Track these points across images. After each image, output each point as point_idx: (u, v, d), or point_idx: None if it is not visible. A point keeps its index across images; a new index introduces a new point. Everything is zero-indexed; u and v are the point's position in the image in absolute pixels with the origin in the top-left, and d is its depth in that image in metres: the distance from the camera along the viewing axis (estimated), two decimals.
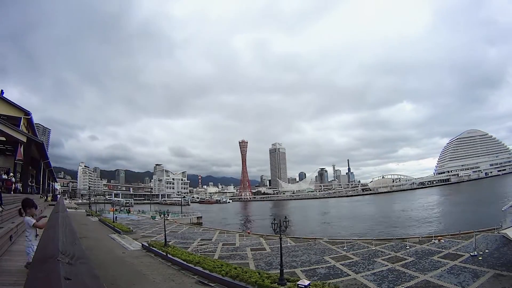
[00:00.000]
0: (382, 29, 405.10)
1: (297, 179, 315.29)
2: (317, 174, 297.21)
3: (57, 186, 74.87)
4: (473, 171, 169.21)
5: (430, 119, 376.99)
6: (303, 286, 10.58)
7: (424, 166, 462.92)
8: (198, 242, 24.40)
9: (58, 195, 47.94)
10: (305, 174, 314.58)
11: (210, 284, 12.73)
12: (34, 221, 5.63)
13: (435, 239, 19.44)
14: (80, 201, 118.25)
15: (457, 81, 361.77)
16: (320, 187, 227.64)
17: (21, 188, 18.18)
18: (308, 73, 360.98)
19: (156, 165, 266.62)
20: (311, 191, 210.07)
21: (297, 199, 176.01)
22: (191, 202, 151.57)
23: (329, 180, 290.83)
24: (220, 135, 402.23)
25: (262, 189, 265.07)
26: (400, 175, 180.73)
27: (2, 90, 20.80)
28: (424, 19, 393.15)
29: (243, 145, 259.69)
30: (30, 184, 22.47)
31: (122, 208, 72.41)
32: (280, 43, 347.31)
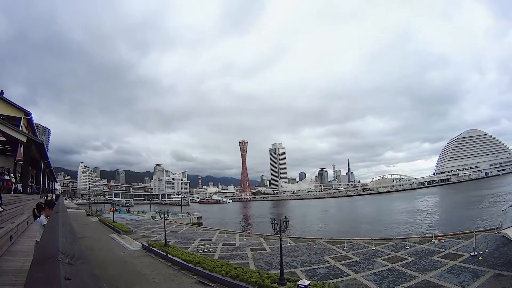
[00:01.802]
0: (326, 66, 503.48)
1: (297, 179, 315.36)
2: (317, 174, 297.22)
3: (57, 186, 74.87)
4: (473, 171, 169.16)
5: (400, 129, 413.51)
6: (303, 286, 10.57)
7: (418, 167, 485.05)
8: (198, 242, 24.40)
9: (58, 195, 47.91)
10: (305, 174, 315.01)
11: (210, 284, 12.72)
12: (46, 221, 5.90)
13: (435, 239, 19.42)
14: (80, 201, 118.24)
15: (408, 100, 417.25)
16: (320, 187, 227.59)
17: (21, 189, 18.16)
18: (270, 102, 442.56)
19: (156, 165, 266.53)
20: (311, 191, 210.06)
21: (297, 199, 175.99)
22: (191, 202, 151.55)
23: (329, 180, 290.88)
24: (209, 144, 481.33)
25: (262, 189, 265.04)
26: (400, 175, 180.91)
27: (2, 90, 20.82)
28: (360, 55, 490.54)
29: (243, 145, 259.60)
30: (30, 184, 22.45)
31: (121, 208, 72.44)
32: (242, 85, 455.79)
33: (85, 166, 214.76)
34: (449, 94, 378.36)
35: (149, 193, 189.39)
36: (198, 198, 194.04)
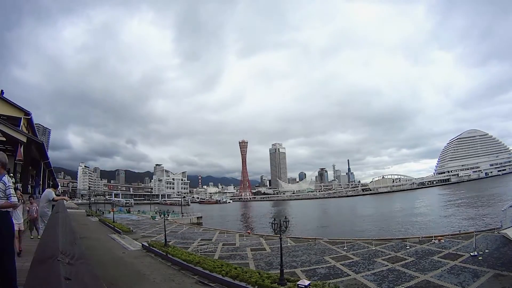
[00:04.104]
0: (276, 101, 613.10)
1: (297, 179, 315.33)
2: (317, 174, 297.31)
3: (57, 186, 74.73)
4: (473, 171, 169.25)
5: (365, 140, 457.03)
6: (303, 286, 10.57)
7: (410, 169, 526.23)
8: (198, 242, 24.40)
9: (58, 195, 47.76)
10: (305, 174, 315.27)
11: (210, 284, 12.72)
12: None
13: (435, 239, 19.42)
14: (80, 201, 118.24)
15: (357, 120, 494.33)
16: (320, 187, 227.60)
17: (21, 189, 18.15)
18: (238, 127, 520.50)
19: (156, 165, 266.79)
20: (311, 191, 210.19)
21: (297, 199, 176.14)
22: (191, 202, 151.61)
23: (329, 180, 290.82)
24: (203, 152, 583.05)
25: (262, 189, 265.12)
26: (400, 175, 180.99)
27: (2, 90, 20.83)
28: (296, 93, 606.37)
29: (243, 145, 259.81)
30: (30, 184, 22.46)
31: (121, 208, 72.47)
32: (213, 117, 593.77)
33: (85, 166, 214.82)
34: (399, 114, 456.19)
35: (149, 193, 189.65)
36: (198, 198, 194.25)
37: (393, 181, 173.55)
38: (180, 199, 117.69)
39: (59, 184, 52.43)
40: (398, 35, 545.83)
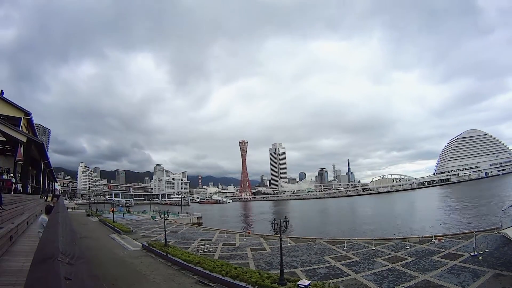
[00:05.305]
0: (259, 114, 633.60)
1: (297, 179, 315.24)
2: (317, 174, 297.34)
3: (57, 186, 75.00)
4: (473, 171, 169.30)
5: (350, 144, 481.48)
6: (303, 286, 10.58)
7: (406, 169, 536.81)
8: (198, 242, 24.40)
9: (58, 195, 47.72)
10: (305, 174, 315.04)
11: (210, 284, 12.73)
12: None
13: (435, 239, 19.44)
14: (80, 201, 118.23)
15: (334, 128, 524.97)
16: (320, 187, 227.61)
17: (21, 189, 18.16)
18: (226, 135, 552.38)
19: (156, 165, 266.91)
20: (311, 191, 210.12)
21: (297, 199, 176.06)
22: (191, 202, 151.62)
23: (329, 180, 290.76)
24: (200, 154, 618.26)
25: (262, 189, 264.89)
26: (400, 175, 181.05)
27: (2, 91, 20.83)
28: (274, 108, 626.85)
29: (243, 145, 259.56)
30: (30, 184, 22.46)
31: (121, 208, 72.46)
32: (204, 128, 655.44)
33: (85, 166, 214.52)
34: (378, 122, 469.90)
35: (149, 193, 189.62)
36: (198, 198, 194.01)
37: (393, 181, 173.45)
38: (180, 199, 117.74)
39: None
40: (360, 62, 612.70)
